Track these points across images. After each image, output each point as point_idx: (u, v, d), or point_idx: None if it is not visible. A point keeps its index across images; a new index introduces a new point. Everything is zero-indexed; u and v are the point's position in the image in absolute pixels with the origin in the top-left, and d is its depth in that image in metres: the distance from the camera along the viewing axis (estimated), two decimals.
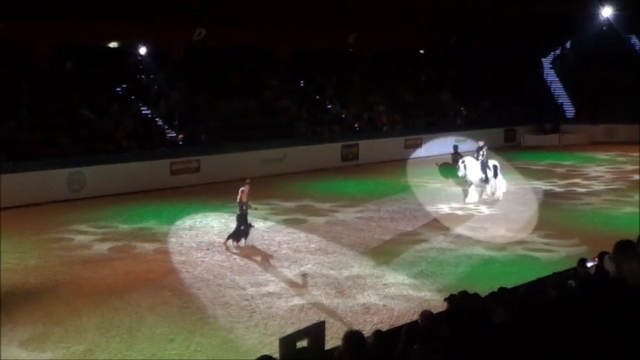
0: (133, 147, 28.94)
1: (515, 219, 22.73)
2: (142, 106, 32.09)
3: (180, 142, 31.06)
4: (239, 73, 36.80)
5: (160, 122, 31.87)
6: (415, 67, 45.35)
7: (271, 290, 15.68)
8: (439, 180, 29.64)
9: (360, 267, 17.47)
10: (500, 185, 25.54)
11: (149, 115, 32.01)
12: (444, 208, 24.17)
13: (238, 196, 19.08)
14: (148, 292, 15.51)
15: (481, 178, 25.04)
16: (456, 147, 33.16)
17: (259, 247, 19.18)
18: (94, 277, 16.70)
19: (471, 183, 25.03)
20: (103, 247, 19.33)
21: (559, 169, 33.85)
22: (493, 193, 25.33)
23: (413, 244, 19.67)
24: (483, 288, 10.76)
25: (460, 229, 21.41)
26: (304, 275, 16.77)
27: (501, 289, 9.23)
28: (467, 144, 34.39)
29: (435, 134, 38.48)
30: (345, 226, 21.96)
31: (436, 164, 31.63)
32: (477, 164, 24.97)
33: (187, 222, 22.15)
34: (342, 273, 16.91)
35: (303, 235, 20.66)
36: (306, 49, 39.30)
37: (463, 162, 25.01)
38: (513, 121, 44.16)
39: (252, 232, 19.62)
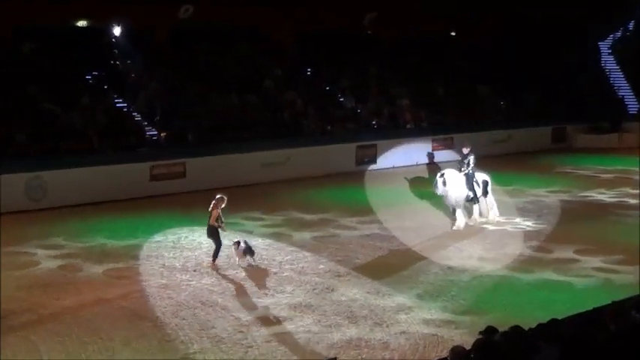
0: (106, 147, 29.00)
1: (566, 236, 22.58)
2: (117, 98, 32.17)
3: (163, 142, 31.09)
4: (235, 60, 36.84)
5: (138, 117, 31.92)
6: (445, 54, 45.26)
7: (271, 320, 15.64)
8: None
9: (377, 293, 17.37)
10: (492, 206, 24.21)
11: (125, 109, 32.06)
12: (478, 223, 24.03)
13: (212, 205, 19.15)
14: (122, 323, 15.46)
15: (467, 197, 23.41)
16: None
17: (257, 268, 19.12)
18: (56, 304, 16.66)
19: (452, 204, 23.33)
20: (68, 268, 19.29)
21: (617, 176, 33.65)
22: (481, 215, 23.97)
23: (442, 265, 19.58)
24: (528, 319, 10.69)
25: (498, 248, 21.33)
26: (310, 302, 16.70)
27: (551, 320, 9.18)
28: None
29: (469, 133, 38.29)
30: (360, 243, 21.91)
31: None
32: (462, 179, 23.35)
33: (170, 238, 22.14)
34: (356, 300, 16.83)
35: (308, 254, 20.62)
36: (314, 32, 39.30)
37: (442, 176, 22.91)
38: (563, 119, 44.02)
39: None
